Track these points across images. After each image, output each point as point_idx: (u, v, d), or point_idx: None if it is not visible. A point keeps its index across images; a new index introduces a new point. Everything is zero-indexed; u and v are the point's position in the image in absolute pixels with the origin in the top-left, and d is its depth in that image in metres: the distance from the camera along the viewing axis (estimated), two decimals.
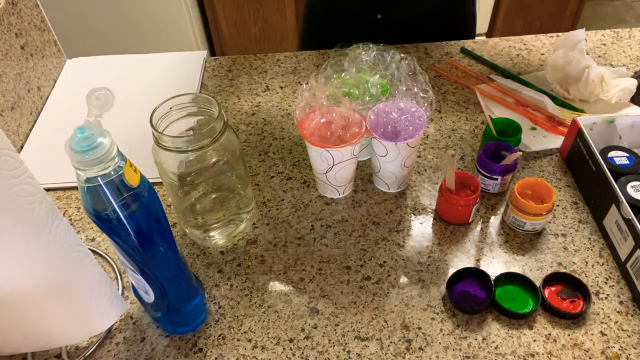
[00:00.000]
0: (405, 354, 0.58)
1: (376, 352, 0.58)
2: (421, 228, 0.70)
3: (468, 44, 1.00)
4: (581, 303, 0.61)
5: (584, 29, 0.90)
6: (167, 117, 0.59)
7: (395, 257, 0.67)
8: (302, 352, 0.58)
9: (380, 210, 0.73)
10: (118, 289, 0.65)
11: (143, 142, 0.63)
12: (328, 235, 0.70)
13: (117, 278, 0.67)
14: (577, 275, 0.63)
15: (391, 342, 0.59)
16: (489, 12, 2.26)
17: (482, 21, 2.27)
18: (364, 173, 0.78)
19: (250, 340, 0.60)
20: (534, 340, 0.58)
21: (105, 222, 0.45)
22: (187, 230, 0.70)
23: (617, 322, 0.60)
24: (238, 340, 0.60)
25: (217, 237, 0.69)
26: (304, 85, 0.70)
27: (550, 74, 0.88)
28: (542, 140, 0.80)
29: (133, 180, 0.45)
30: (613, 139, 0.74)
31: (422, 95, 0.68)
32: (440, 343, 0.59)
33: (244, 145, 0.83)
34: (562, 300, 0.61)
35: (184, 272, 0.57)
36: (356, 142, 0.67)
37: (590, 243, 0.68)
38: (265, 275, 0.66)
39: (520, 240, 0.68)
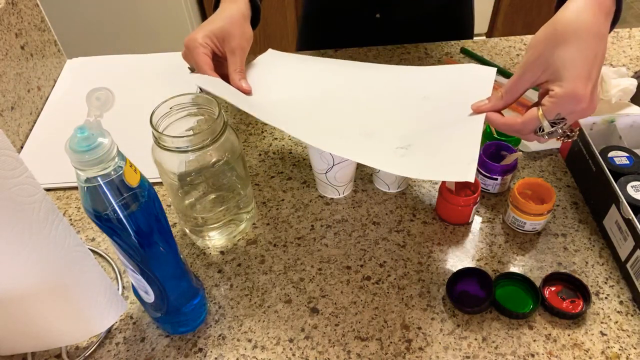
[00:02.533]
0: (405, 354, 0.58)
1: (376, 352, 0.58)
2: (421, 228, 0.70)
3: (468, 44, 1.00)
4: (581, 303, 0.61)
5: None
6: (167, 117, 0.59)
7: (395, 257, 0.67)
8: (302, 352, 0.58)
9: (380, 210, 0.73)
10: (118, 289, 0.65)
11: (143, 142, 0.63)
12: (328, 235, 0.70)
13: (117, 278, 0.67)
14: (577, 275, 0.63)
15: (391, 342, 0.59)
16: (489, 12, 2.26)
17: (482, 21, 2.27)
18: (364, 173, 0.78)
19: (250, 340, 0.60)
20: (534, 340, 0.58)
21: (105, 222, 0.45)
22: (187, 230, 0.70)
23: (617, 322, 0.60)
24: (238, 340, 0.60)
25: (217, 237, 0.69)
26: None
27: None
28: None
29: (133, 180, 0.45)
30: (613, 139, 0.74)
31: None
32: (440, 343, 0.59)
33: (244, 145, 0.83)
34: (562, 300, 0.61)
35: (184, 272, 0.57)
36: None
37: (590, 243, 0.68)
38: (265, 275, 0.66)
39: (520, 240, 0.68)
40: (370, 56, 0.98)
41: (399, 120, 0.65)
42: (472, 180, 0.52)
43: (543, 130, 0.55)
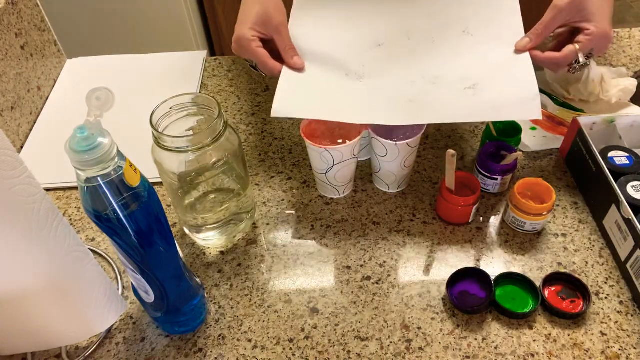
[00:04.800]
0: (405, 354, 0.58)
1: (376, 352, 0.58)
2: (421, 228, 0.70)
3: None
4: (581, 303, 0.61)
5: None
6: (167, 117, 0.59)
7: (395, 257, 0.67)
8: (302, 352, 0.58)
9: (380, 210, 0.73)
10: (118, 289, 0.65)
11: (143, 142, 0.63)
12: (328, 235, 0.70)
13: (117, 278, 0.67)
14: (577, 275, 0.63)
15: (391, 342, 0.59)
16: None
17: None
18: (364, 173, 0.78)
19: (250, 340, 0.60)
20: (534, 340, 0.58)
21: (105, 222, 0.45)
22: (187, 230, 0.70)
23: (617, 322, 0.60)
24: (238, 340, 0.60)
25: (217, 237, 0.69)
26: None
27: (550, 74, 0.88)
28: (542, 140, 0.80)
29: (133, 180, 0.45)
30: (613, 139, 0.74)
31: None
32: (440, 343, 0.59)
33: (244, 145, 0.83)
34: (562, 300, 0.61)
35: (184, 272, 0.57)
36: (356, 142, 0.67)
37: (590, 243, 0.68)
38: (265, 275, 0.66)
39: (520, 240, 0.68)
40: None
41: (452, 61, 0.70)
42: (540, 117, 0.61)
43: (578, 63, 0.68)
